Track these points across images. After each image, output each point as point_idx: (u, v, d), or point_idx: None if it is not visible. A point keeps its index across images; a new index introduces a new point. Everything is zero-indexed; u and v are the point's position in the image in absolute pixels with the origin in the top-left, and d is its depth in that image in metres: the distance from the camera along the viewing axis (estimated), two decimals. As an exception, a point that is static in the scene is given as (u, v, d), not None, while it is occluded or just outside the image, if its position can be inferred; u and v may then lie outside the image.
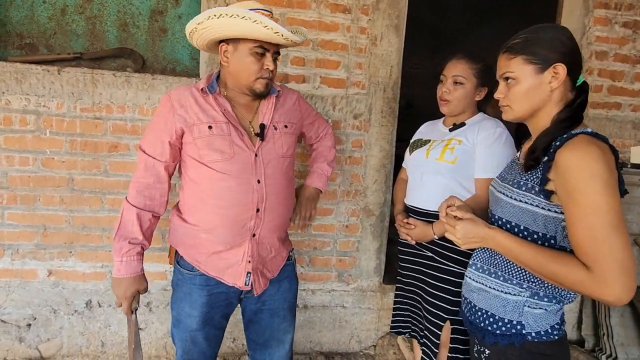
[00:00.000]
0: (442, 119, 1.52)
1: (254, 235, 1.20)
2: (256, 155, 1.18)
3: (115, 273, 1.16)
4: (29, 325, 1.89)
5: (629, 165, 2.07)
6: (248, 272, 1.20)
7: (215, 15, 1.06)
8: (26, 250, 1.85)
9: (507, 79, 0.95)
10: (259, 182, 1.17)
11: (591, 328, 2.22)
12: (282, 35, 1.09)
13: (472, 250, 1.26)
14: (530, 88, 0.91)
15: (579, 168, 0.79)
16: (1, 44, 1.86)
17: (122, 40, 1.94)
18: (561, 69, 0.89)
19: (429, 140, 1.46)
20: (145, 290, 1.22)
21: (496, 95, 0.99)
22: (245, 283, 1.21)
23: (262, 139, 1.19)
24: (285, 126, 1.27)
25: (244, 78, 1.16)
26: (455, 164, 1.32)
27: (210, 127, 1.14)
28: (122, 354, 1.96)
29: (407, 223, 1.42)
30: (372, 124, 2.03)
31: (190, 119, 1.15)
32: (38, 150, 1.80)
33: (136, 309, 1.22)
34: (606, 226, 0.76)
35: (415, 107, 4.38)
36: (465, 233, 0.95)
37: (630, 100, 2.20)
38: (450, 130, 1.42)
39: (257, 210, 1.18)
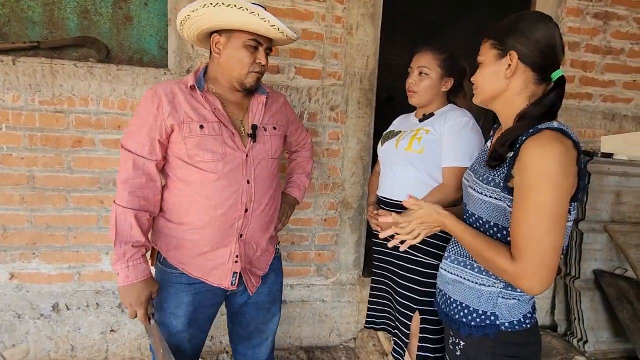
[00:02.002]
0: (415, 111, 1.52)
1: (241, 235, 1.19)
2: (247, 155, 1.16)
3: (123, 281, 1.08)
4: (-8, 331, 1.79)
5: (599, 155, 2.12)
6: (234, 273, 1.20)
7: (211, 4, 1.03)
8: (-15, 253, 1.74)
9: (480, 63, 0.96)
10: (248, 182, 1.17)
11: (563, 313, 2.29)
12: (279, 29, 1.09)
13: (443, 242, 1.27)
14: (489, 73, 0.93)
15: (536, 166, 0.80)
16: (-51, 32, 1.72)
17: (83, 29, 1.82)
18: (514, 57, 0.88)
19: (400, 132, 1.47)
20: (157, 293, 1.15)
21: (472, 79, 1.01)
22: (232, 283, 1.20)
23: (255, 140, 1.18)
24: (275, 128, 1.26)
25: (236, 71, 1.14)
26: (423, 153, 1.33)
27: (202, 127, 1.11)
28: (93, 358, 1.89)
29: (377, 214, 1.42)
30: (349, 116, 2.00)
31: (181, 117, 1.10)
32: (-6, 147, 1.69)
33: (153, 315, 1.15)
34: (542, 227, 0.80)
35: (396, 100, 4.37)
36: (423, 220, 1.00)
37: (601, 90, 2.24)
38: (420, 121, 1.43)
39: (246, 211, 1.17)
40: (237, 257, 1.18)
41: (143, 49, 1.89)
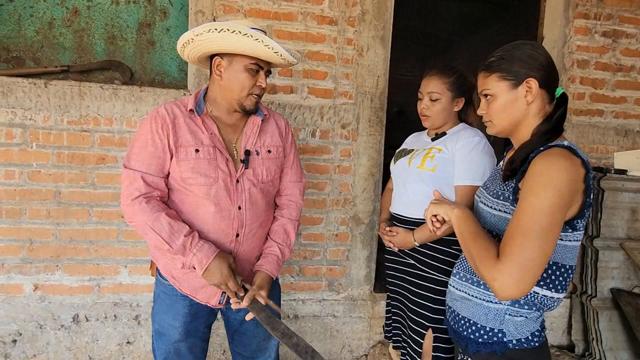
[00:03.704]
0: (427, 130, 1.55)
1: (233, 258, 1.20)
2: (237, 181, 1.17)
3: (200, 267, 1.08)
4: (15, 341, 1.85)
5: (612, 171, 2.11)
6: (223, 292, 1.20)
7: (216, 29, 1.06)
8: (11, 265, 1.82)
9: (486, 95, 0.99)
10: (239, 208, 1.18)
11: (581, 333, 2.24)
12: (281, 55, 1.11)
13: (454, 258, 1.28)
14: (507, 103, 0.96)
15: (541, 173, 0.83)
16: (-13, 58, 1.86)
17: (109, 53, 1.94)
18: (533, 83, 0.93)
19: (412, 150, 1.50)
20: (234, 261, 1.15)
21: (479, 112, 1.04)
22: (219, 302, 1.22)
23: (246, 166, 1.19)
24: (269, 151, 1.25)
25: (236, 93, 1.15)
26: (435, 171, 1.35)
27: (197, 151, 1.13)
28: (110, 369, 1.94)
29: (390, 231, 1.44)
30: (360, 133, 2.05)
31: (179, 140, 1.13)
32: (24, 164, 1.79)
33: (242, 280, 1.15)
34: (531, 227, 0.80)
35: (407, 114, 4.43)
36: (434, 211, 1.02)
37: (612, 107, 2.24)
38: (433, 139, 1.46)
39: (237, 236, 1.19)
40: None
41: (164, 71, 2.00)
